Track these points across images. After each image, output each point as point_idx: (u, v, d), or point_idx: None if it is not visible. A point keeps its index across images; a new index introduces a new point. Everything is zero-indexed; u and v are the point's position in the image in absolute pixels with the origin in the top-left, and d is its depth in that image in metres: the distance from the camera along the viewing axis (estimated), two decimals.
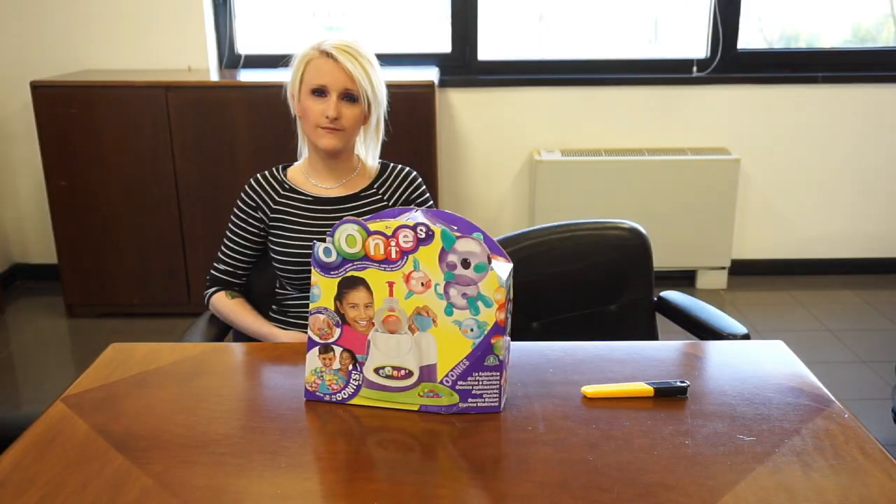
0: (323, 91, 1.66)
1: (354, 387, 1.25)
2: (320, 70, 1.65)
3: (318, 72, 1.65)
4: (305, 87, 1.66)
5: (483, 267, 1.16)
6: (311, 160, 1.77)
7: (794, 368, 1.38)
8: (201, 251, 3.34)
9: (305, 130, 1.72)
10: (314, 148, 1.73)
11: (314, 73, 1.65)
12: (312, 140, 1.70)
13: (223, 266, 1.81)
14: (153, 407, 1.25)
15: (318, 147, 1.70)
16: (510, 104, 3.67)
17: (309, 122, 1.68)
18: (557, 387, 1.31)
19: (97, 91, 3.21)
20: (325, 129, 1.66)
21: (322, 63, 1.65)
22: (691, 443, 1.15)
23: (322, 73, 1.65)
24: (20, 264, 3.87)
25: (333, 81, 1.65)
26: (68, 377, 2.85)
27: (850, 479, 1.06)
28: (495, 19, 3.71)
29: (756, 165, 3.70)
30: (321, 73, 1.65)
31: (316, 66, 1.65)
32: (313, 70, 1.66)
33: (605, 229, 1.90)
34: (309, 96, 1.66)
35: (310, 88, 1.66)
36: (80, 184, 3.28)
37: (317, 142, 1.69)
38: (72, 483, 1.05)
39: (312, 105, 1.66)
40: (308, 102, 1.67)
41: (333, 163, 1.76)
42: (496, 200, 3.80)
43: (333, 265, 1.21)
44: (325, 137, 1.67)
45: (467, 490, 1.06)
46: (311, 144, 1.74)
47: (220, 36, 3.64)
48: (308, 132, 1.70)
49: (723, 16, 3.62)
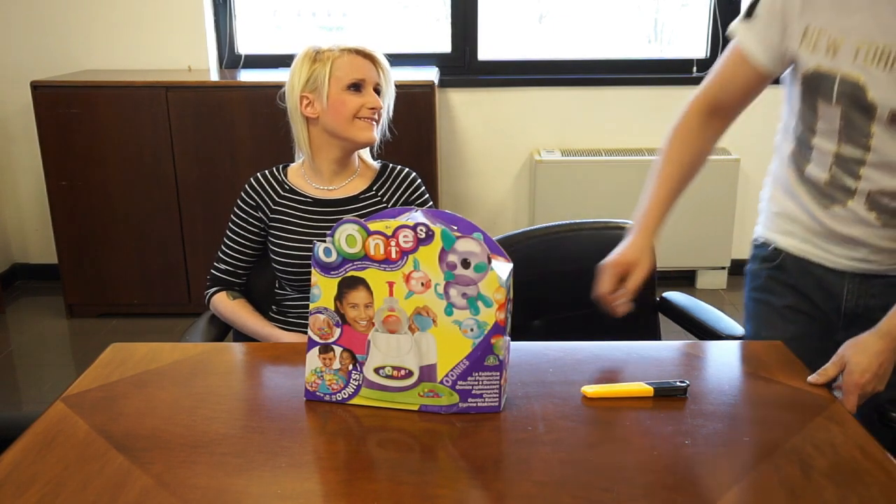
0: (360, 85, 1.69)
1: (354, 387, 1.25)
2: (355, 66, 1.69)
3: (353, 67, 1.68)
4: (338, 84, 1.68)
5: (483, 267, 1.16)
6: (315, 161, 1.76)
7: (794, 368, 1.38)
8: (201, 251, 3.34)
9: (337, 126, 1.69)
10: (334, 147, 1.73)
11: (349, 69, 1.68)
12: (348, 135, 1.70)
13: (223, 266, 1.81)
14: (153, 407, 1.25)
15: (354, 138, 1.71)
16: (510, 104, 3.67)
17: (344, 116, 1.68)
18: (557, 387, 1.31)
19: (97, 91, 3.21)
20: (367, 120, 1.70)
21: (353, 59, 1.69)
22: (691, 443, 1.15)
23: (358, 68, 1.69)
24: (20, 264, 3.87)
25: (369, 76, 1.70)
26: (68, 377, 2.85)
27: (850, 479, 1.06)
28: (495, 19, 3.71)
29: (756, 165, 3.70)
30: (358, 69, 1.69)
31: (349, 63, 1.68)
32: (347, 66, 1.68)
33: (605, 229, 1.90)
34: (344, 91, 1.68)
35: (346, 83, 1.68)
36: (80, 184, 3.28)
37: (355, 136, 1.70)
38: (72, 483, 1.05)
39: (350, 99, 1.68)
40: (344, 97, 1.68)
41: (338, 165, 1.76)
42: (496, 200, 3.80)
43: (333, 265, 1.21)
44: (366, 130, 1.71)
45: (467, 490, 1.06)
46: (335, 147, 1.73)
47: (220, 36, 3.64)
48: (341, 127, 1.69)
49: (723, 16, 3.62)
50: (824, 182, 1.45)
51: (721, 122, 1.51)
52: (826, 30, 1.33)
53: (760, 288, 1.60)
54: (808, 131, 1.46)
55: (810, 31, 1.35)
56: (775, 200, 1.58)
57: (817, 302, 1.52)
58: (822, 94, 1.39)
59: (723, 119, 1.51)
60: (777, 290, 1.57)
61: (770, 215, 1.60)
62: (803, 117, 1.46)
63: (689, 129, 1.49)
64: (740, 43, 1.43)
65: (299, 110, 1.70)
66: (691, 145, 1.49)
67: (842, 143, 1.41)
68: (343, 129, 1.70)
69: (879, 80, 1.32)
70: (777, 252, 1.56)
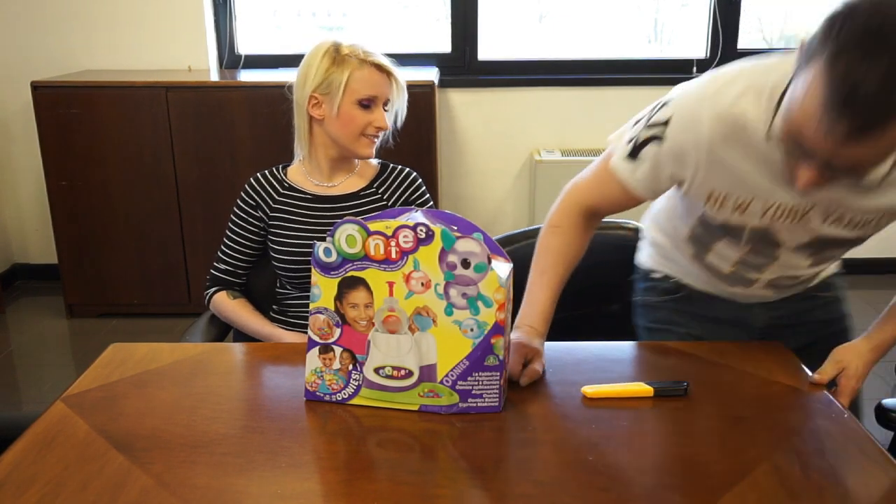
0: (372, 102, 1.68)
1: (354, 387, 1.25)
2: (372, 82, 1.67)
3: (369, 83, 1.67)
4: (352, 97, 1.67)
5: (483, 267, 1.16)
6: (316, 159, 1.76)
7: (794, 368, 1.38)
8: (201, 251, 3.34)
9: (342, 136, 1.70)
10: (333, 149, 1.73)
11: (365, 84, 1.67)
12: (350, 147, 1.71)
13: (223, 266, 1.81)
14: (153, 407, 1.25)
15: (355, 152, 1.72)
16: (510, 104, 3.67)
17: (350, 130, 1.69)
18: (557, 387, 1.31)
19: (97, 91, 3.21)
20: (371, 137, 1.71)
21: (371, 74, 1.67)
22: (691, 443, 1.15)
23: (374, 84, 1.68)
24: (20, 264, 3.87)
25: (382, 93, 1.69)
26: (68, 377, 2.85)
27: (850, 479, 1.06)
28: (495, 19, 3.71)
29: None
30: (373, 85, 1.68)
31: (367, 77, 1.67)
32: (364, 81, 1.66)
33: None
34: (355, 105, 1.67)
35: (358, 98, 1.67)
36: (80, 184, 3.28)
37: (357, 150, 1.71)
38: (72, 483, 1.05)
39: (359, 115, 1.68)
40: (354, 111, 1.67)
41: (336, 162, 1.76)
42: (496, 200, 3.80)
43: (333, 265, 1.21)
44: (367, 147, 1.72)
45: (467, 490, 1.06)
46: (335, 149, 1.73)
47: (220, 36, 3.64)
48: (346, 139, 1.70)
49: (723, 16, 3.62)
50: (726, 272, 1.46)
51: (599, 219, 1.49)
52: (732, 193, 1.29)
53: (660, 320, 1.59)
54: (710, 239, 1.43)
55: (715, 194, 1.30)
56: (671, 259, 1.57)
57: (724, 323, 1.53)
58: (731, 235, 1.38)
59: (601, 216, 1.48)
60: (680, 320, 1.56)
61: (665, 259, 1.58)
62: (706, 229, 1.41)
63: (573, 227, 1.44)
64: (619, 175, 1.37)
65: (306, 108, 1.70)
66: (573, 246, 1.44)
67: (748, 255, 1.41)
68: (346, 141, 1.70)
69: (789, 228, 1.32)
70: (680, 286, 1.56)
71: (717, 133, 1.22)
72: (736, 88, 1.20)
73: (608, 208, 1.44)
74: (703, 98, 1.24)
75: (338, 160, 1.76)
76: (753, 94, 1.19)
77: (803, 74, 1.01)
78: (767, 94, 1.17)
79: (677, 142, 1.27)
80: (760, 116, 1.18)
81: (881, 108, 0.94)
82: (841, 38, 0.95)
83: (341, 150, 1.73)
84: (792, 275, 1.43)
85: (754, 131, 1.19)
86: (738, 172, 1.25)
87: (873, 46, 0.93)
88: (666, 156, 1.29)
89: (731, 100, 1.20)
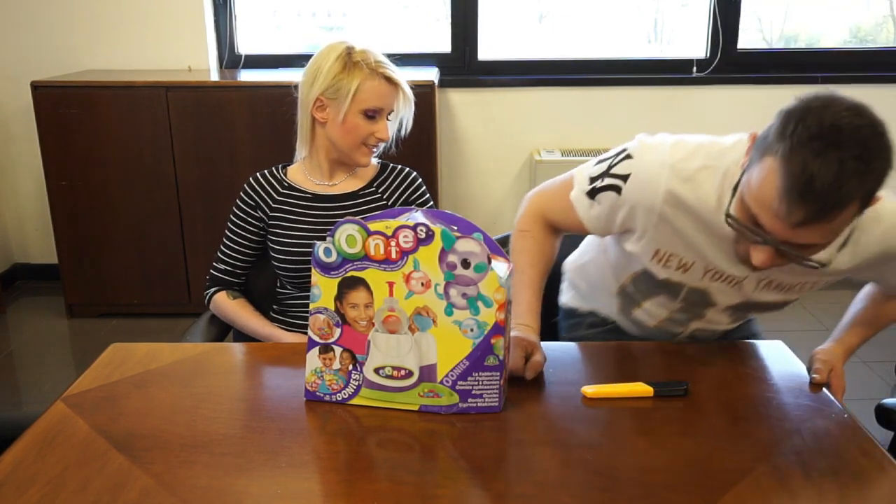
0: (377, 113, 1.68)
1: (354, 387, 1.25)
2: (380, 94, 1.67)
3: (377, 95, 1.67)
4: (358, 106, 1.66)
5: (483, 267, 1.16)
6: (316, 158, 1.77)
7: (794, 368, 1.38)
8: (201, 251, 3.34)
9: (342, 143, 1.70)
10: (332, 151, 1.73)
11: (373, 96, 1.66)
12: (350, 155, 1.72)
13: (223, 266, 1.81)
14: (153, 407, 1.25)
15: (354, 160, 1.73)
16: (510, 104, 3.67)
17: (352, 139, 1.69)
18: (557, 387, 1.31)
19: (97, 91, 3.20)
20: (370, 147, 1.71)
21: (380, 86, 1.67)
22: (691, 443, 1.15)
23: (381, 96, 1.68)
24: (20, 264, 3.87)
25: (388, 105, 1.70)
26: (68, 377, 2.85)
27: (850, 479, 1.06)
28: (495, 19, 3.71)
29: None
30: (382, 97, 1.68)
31: (375, 89, 1.66)
32: (372, 92, 1.66)
33: None
34: (360, 115, 1.67)
35: (364, 108, 1.67)
36: (80, 184, 3.28)
37: (357, 158, 1.72)
38: (72, 483, 1.05)
39: (363, 124, 1.68)
40: (358, 121, 1.67)
41: (335, 162, 1.76)
42: (496, 200, 3.80)
43: (334, 265, 1.21)
44: (366, 156, 1.73)
45: (467, 490, 1.06)
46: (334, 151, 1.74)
47: (220, 36, 3.64)
48: (347, 147, 1.70)
49: (723, 16, 3.62)
50: (650, 326, 1.55)
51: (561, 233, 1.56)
52: (676, 254, 1.38)
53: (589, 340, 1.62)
54: (641, 297, 1.52)
55: (661, 252, 1.39)
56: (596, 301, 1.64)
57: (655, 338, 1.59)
58: (669, 293, 1.46)
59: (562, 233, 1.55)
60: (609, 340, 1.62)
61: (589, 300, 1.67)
62: (644, 284, 1.49)
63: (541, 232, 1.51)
64: (576, 208, 1.43)
65: (310, 109, 1.70)
66: (546, 246, 1.52)
67: (677, 312, 1.50)
68: (347, 148, 1.71)
69: (724, 291, 1.41)
70: (607, 320, 1.63)
71: (670, 201, 1.31)
72: (695, 163, 1.30)
73: (566, 229, 1.52)
74: (663, 166, 1.31)
75: (337, 161, 1.77)
76: (709, 173, 1.29)
77: (759, 165, 1.11)
78: (721, 174, 1.28)
79: (633, 199, 1.35)
80: (714, 194, 1.28)
81: (834, 198, 1.05)
82: (796, 136, 1.06)
83: (340, 154, 1.74)
84: (712, 329, 1.53)
85: (707, 206, 1.29)
86: (687, 238, 1.34)
87: (825, 145, 1.04)
88: (621, 207, 1.37)
89: (688, 174, 1.30)
